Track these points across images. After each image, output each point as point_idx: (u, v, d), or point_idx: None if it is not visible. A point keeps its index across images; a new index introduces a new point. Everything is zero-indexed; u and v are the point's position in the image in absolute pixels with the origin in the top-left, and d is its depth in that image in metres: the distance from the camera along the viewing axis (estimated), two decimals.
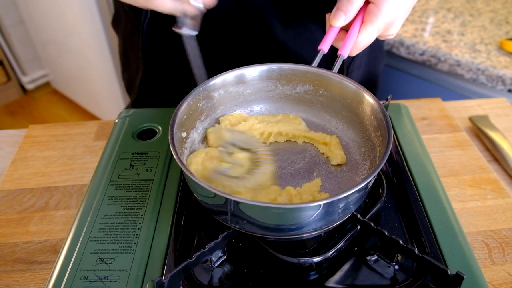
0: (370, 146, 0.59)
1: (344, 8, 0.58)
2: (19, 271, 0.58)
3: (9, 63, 2.44)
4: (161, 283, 0.46)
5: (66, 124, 0.84)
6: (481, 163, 0.73)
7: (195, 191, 0.52)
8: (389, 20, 0.58)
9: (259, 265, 0.53)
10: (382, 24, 0.58)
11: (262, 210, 0.46)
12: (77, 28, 1.92)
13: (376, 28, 0.58)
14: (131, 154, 0.67)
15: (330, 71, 0.62)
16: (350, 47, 0.59)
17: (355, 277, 0.52)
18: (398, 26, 0.61)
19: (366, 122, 0.60)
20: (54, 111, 2.52)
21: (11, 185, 0.71)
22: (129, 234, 0.55)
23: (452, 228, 0.55)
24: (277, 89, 0.66)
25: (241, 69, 0.63)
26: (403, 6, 0.59)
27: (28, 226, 0.64)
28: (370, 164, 0.58)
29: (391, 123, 0.54)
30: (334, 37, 0.62)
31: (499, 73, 1.06)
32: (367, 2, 0.59)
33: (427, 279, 0.50)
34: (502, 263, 0.57)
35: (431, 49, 1.16)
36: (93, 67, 2.04)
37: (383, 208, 0.60)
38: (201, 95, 0.60)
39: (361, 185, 0.45)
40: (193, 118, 0.61)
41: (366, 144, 0.60)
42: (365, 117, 0.60)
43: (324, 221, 0.48)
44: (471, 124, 0.83)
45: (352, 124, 0.64)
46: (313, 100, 0.66)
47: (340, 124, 0.65)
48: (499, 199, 0.66)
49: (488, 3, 1.36)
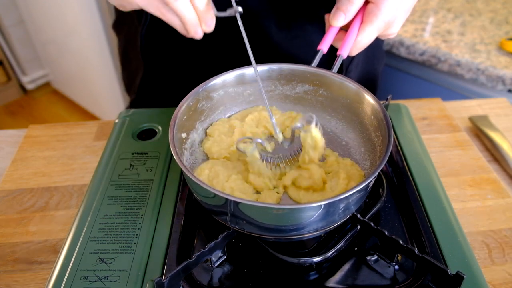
0: (371, 146, 0.59)
1: (344, 7, 0.58)
2: (19, 271, 0.58)
3: (9, 63, 2.44)
4: (161, 283, 0.46)
5: (66, 124, 0.84)
6: (481, 163, 0.73)
7: (195, 192, 0.52)
8: (388, 19, 0.58)
9: (259, 265, 0.53)
10: (382, 23, 0.58)
11: (262, 211, 0.46)
12: (77, 28, 1.92)
13: (376, 28, 0.58)
14: (131, 154, 0.67)
15: (330, 71, 0.62)
16: (349, 47, 0.59)
17: (355, 277, 0.52)
18: (398, 26, 0.61)
19: (366, 122, 0.60)
20: (54, 111, 2.52)
21: (11, 185, 0.71)
22: (129, 234, 0.55)
23: (452, 228, 0.55)
24: (277, 89, 0.66)
25: (241, 69, 0.63)
26: (403, 6, 0.59)
27: (28, 226, 0.64)
28: (370, 164, 0.58)
29: (391, 123, 0.54)
30: (334, 37, 0.62)
31: (499, 73, 1.06)
32: (366, 2, 0.59)
33: (427, 279, 0.50)
34: (502, 263, 0.57)
35: (431, 49, 1.16)
36: (93, 67, 2.04)
37: (383, 208, 0.60)
38: (201, 96, 0.60)
39: (361, 186, 0.45)
40: (193, 119, 0.61)
41: (367, 144, 0.60)
42: (365, 117, 0.60)
43: (325, 221, 0.48)
44: (471, 124, 0.83)
45: (352, 124, 0.63)
46: (313, 100, 0.66)
47: (340, 124, 0.65)
48: (499, 199, 0.66)
49: (488, 3, 1.36)
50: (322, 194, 0.55)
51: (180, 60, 0.83)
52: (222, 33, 0.75)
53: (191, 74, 0.83)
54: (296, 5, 0.74)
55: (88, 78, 2.17)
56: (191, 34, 0.54)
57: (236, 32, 0.52)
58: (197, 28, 0.53)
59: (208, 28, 0.54)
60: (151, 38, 0.79)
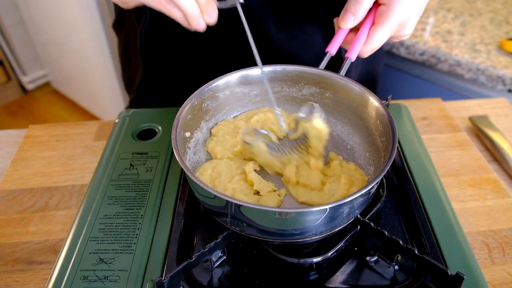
0: (375, 151, 0.59)
1: (353, 9, 0.58)
2: (19, 271, 0.58)
3: (9, 63, 2.44)
4: (161, 283, 0.46)
5: (66, 124, 0.84)
6: (481, 163, 0.73)
7: (196, 191, 0.52)
8: (401, 20, 0.57)
9: (259, 265, 0.53)
10: (395, 24, 0.57)
11: (263, 214, 0.46)
12: (77, 28, 1.92)
13: (389, 29, 0.57)
14: (131, 154, 0.67)
15: (337, 74, 0.61)
16: (358, 50, 0.59)
17: (355, 277, 0.52)
18: (411, 27, 0.60)
19: (372, 126, 0.59)
20: (54, 111, 2.51)
21: (11, 185, 0.71)
22: (129, 234, 0.55)
23: (452, 228, 0.55)
24: (283, 90, 0.66)
25: (244, 70, 0.62)
26: (416, 5, 0.58)
27: (28, 226, 0.64)
28: (374, 169, 0.58)
29: None
30: (343, 39, 0.61)
31: (499, 73, 1.06)
32: (377, 3, 0.59)
33: (427, 279, 0.50)
34: (502, 263, 0.57)
35: (431, 49, 1.16)
36: (93, 67, 2.04)
37: (383, 208, 0.60)
38: (206, 95, 0.60)
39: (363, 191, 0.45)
40: (198, 118, 0.61)
41: (371, 149, 0.60)
42: (371, 122, 0.59)
43: (328, 226, 0.48)
44: (471, 124, 0.83)
45: (357, 128, 0.63)
46: (319, 103, 0.65)
47: (346, 127, 0.65)
48: (499, 199, 0.66)
49: (488, 3, 1.36)
50: (319, 194, 0.55)
51: (179, 60, 0.83)
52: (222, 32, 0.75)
53: (191, 74, 0.83)
54: (296, 5, 0.74)
55: (88, 78, 2.17)
56: (194, 26, 0.54)
57: (236, 31, 0.52)
58: (199, 20, 0.53)
59: (210, 19, 0.54)
60: (150, 38, 0.79)
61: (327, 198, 0.54)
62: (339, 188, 0.54)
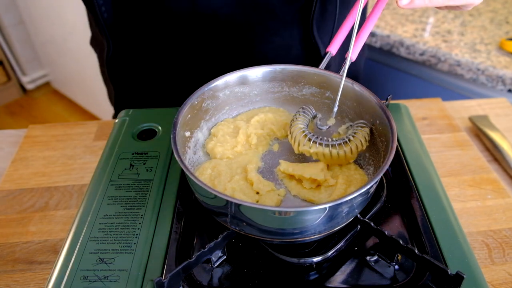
0: (375, 150, 0.59)
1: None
2: (19, 271, 0.58)
3: (9, 63, 2.44)
4: (161, 283, 0.46)
5: (66, 124, 0.84)
6: (481, 163, 0.73)
7: (196, 191, 0.52)
8: None
9: (259, 265, 0.53)
10: None
11: (263, 213, 0.46)
12: (77, 28, 1.92)
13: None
14: (131, 154, 0.67)
15: (338, 74, 0.61)
16: (358, 50, 0.59)
17: (355, 277, 0.52)
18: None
19: (371, 126, 0.59)
20: (54, 111, 2.52)
21: (11, 185, 0.71)
22: (129, 234, 0.55)
23: (452, 228, 0.55)
24: (284, 90, 0.66)
25: (243, 71, 0.62)
26: None
27: (28, 226, 0.64)
28: (374, 169, 0.58)
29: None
30: (343, 40, 0.61)
31: (499, 73, 1.06)
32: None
33: (427, 279, 0.50)
34: (502, 263, 0.57)
35: (431, 49, 1.16)
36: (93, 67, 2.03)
37: (383, 208, 0.60)
38: (206, 95, 0.60)
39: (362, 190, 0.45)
40: (198, 118, 0.61)
41: (371, 149, 0.60)
42: (371, 121, 0.59)
43: (328, 225, 0.48)
44: (471, 124, 0.83)
45: None
46: (320, 103, 0.65)
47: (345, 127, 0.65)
48: (499, 199, 0.66)
49: (488, 3, 1.36)
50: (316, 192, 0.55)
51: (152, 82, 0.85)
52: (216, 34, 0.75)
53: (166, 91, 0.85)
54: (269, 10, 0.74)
55: (88, 78, 2.17)
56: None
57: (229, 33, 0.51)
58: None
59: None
60: (116, 63, 0.81)
61: (324, 197, 0.54)
62: (336, 188, 0.54)
